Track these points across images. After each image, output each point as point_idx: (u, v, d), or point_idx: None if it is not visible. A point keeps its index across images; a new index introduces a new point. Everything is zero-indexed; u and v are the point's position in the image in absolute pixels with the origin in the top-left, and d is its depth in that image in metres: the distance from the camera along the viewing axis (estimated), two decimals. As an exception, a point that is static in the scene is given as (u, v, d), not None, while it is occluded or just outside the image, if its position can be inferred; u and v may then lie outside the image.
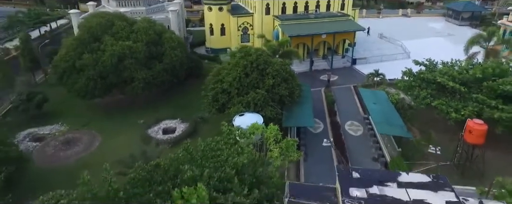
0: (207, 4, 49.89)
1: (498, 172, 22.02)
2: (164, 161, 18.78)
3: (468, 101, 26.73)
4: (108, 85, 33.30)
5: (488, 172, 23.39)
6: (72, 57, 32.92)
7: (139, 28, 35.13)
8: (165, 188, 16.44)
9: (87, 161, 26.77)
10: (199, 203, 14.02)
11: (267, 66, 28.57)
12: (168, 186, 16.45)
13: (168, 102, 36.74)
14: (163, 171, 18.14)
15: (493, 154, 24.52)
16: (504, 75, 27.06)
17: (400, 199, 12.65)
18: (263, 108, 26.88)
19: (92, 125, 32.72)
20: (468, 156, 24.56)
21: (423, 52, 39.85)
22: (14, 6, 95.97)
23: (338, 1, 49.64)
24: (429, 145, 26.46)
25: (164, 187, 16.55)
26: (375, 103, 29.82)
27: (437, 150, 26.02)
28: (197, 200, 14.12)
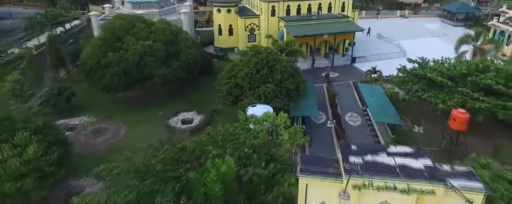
0: (216, 6, 53.38)
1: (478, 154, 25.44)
2: (189, 144, 22.29)
3: (454, 94, 30.17)
4: (130, 81, 36.72)
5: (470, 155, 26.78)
6: (97, 55, 36.35)
7: (157, 29, 38.58)
8: (192, 165, 19.87)
9: (115, 147, 30.21)
10: (228, 171, 17.41)
11: (275, 63, 32.04)
12: (194, 164, 19.87)
13: (183, 96, 40.16)
14: (189, 152, 21.54)
15: (474, 140, 27.94)
16: (486, 71, 30.51)
17: (388, 164, 16.09)
18: (272, 100, 30.33)
19: (116, 117, 36.17)
20: (453, 141, 28.03)
21: (419, 51, 42.82)
22: (25, 7, 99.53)
23: (338, 3, 53.13)
24: (414, 125, 29.88)
25: (191, 164, 19.99)
26: (372, 96, 33.33)
27: (420, 130, 29.43)
28: (226, 169, 17.48)
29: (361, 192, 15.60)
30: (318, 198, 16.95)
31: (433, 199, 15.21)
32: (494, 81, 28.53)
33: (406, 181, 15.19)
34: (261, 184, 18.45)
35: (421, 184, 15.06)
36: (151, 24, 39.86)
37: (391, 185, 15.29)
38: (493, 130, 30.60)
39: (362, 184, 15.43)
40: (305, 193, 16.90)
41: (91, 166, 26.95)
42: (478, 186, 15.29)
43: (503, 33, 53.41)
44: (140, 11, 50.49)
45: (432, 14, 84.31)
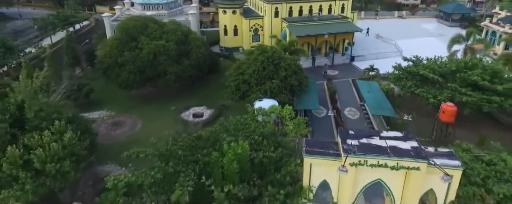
0: (222, 7, 56.11)
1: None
2: (204, 133, 25.05)
3: (444, 89, 32.90)
4: (145, 78, 39.46)
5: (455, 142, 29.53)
6: (114, 54, 39.12)
7: (169, 30, 41.32)
8: (208, 151, 22.57)
9: (134, 138, 32.96)
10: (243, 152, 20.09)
11: (280, 61, 34.79)
12: (210, 150, 22.54)
13: (193, 92, 42.88)
14: (204, 140, 24.32)
15: (462, 131, 30.63)
16: (474, 68, 33.21)
17: (380, 145, 18.89)
18: (277, 94, 33.05)
19: (132, 111, 38.93)
20: (442, 133, 30.77)
21: (415, 51, 44.50)
22: (34, 8, 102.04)
23: (338, 5, 55.86)
24: (404, 115, 32.64)
25: (208, 150, 22.70)
26: (369, 92, 36.11)
27: (409, 118, 32.18)
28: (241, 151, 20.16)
29: (357, 168, 18.45)
30: (320, 176, 19.85)
31: (418, 175, 18.04)
32: (480, 78, 31.28)
33: (395, 159, 18.01)
34: (271, 165, 21.19)
35: (408, 162, 17.91)
36: (163, 25, 42.56)
37: (383, 163, 18.08)
38: (479, 122, 33.34)
39: (358, 162, 18.27)
40: (310, 171, 19.80)
41: (113, 154, 29.90)
42: (456, 164, 18.16)
43: (495, 33, 56.14)
44: (150, 12, 53.19)
45: (429, 15, 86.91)
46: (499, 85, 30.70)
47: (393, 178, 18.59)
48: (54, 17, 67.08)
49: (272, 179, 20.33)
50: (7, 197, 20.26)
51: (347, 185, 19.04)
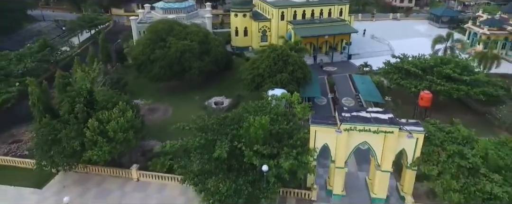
0: (234, 11, 63.17)
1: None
2: (230, 114, 32.04)
3: (423, 81, 39.93)
4: (173, 72, 46.32)
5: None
6: (147, 52, 46.13)
7: (192, 31, 48.32)
8: (234, 127, 29.47)
9: (169, 121, 39.79)
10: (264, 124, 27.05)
11: (288, 57, 41.82)
12: (236, 127, 29.42)
13: (212, 85, 49.77)
14: (230, 119, 31.23)
15: (437, 115, 37.55)
16: (448, 63, 40.32)
17: (366, 116, 25.97)
18: (286, 85, 40.03)
19: (162, 100, 45.92)
20: (421, 115, 37.81)
21: (406, 50, 49.56)
22: (53, 10, 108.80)
23: (337, 9, 62.93)
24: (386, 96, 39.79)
25: (234, 126, 29.60)
26: (363, 84, 43.23)
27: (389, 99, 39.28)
28: (264, 123, 27.12)
29: (349, 133, 25.54)
30: (322, 140, 26.94)
31: (393, 137, 25.16)
32: (452, 71, 38.40)
33: (376, 125, 25.10)
34: (285, 135, 28.16)
35: (385, 127, 24.99)
36: (186, 27, 49.61)
37: (367, 128, 25.17)
38: (453, 108, 40.38)
39: (349, 128, 25.33)
40: (314, 137, 26.87)
41: (153, 133, 36.98)
42: (420, 129, 25.30)
43: (476, 34, 63.22)
44: (171, 15, 60.22)
45: (421, 17, 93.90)
46: (467, 77, 37.81)
47: (375, 140, 25.67)
48: (80, 19, 74.05)
49: (286, 143, 27.27)
50: (91, 155, 27.34)
51: (342, 146, 26.12)
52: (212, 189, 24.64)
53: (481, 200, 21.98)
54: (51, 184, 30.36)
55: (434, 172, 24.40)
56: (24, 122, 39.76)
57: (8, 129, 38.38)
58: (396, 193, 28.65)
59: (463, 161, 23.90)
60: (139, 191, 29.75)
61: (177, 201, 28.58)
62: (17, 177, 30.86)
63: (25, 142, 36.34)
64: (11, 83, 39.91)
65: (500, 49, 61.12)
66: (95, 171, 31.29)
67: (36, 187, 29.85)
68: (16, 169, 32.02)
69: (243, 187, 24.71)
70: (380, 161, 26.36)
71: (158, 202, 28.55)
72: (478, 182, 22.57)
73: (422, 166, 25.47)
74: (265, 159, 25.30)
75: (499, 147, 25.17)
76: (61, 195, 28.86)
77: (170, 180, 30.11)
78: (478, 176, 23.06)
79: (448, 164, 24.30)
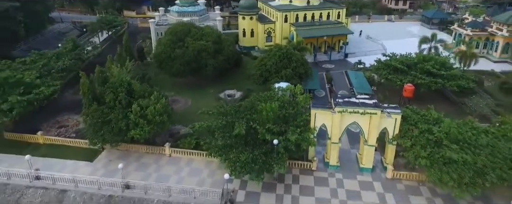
0: (241, 14, 69.83)
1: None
2: (244, 103, 38.67)
3: (408, 75, 46.56)
4: (191, 69, 52.91)
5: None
6: (168, 51, 52.73)
7: (206, 33, 54.94)
8: (247, 112, 36.08)
9: (190, 110, 46.58)
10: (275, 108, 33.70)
11: (291, 56, 48.43)
12: (250, 113, 36.04)
13: (224, 80, 56.28)
14: (244, 107, 37.84)
15: (418, 104, 44.06)
16: (429, 61, 46.97)
17: (356, 101, 32.65)
18: (290, 79, 46.57)
19: (181, 93, 52.53)
20: (405, 104, 44.39)
21: (398, 49, 55.51)
22: (68, 12, 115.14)
23: (335, 12, 69.56)
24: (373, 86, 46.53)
25: (247, 112, 36.21)
26: (356, 78, 49.92)
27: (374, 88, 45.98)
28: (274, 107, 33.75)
29: (342, 114, 32.17)
30: (321, 121, 33.57)
31: (376, 117, 31.80)
32: (431, 67, 45.07)
33: (363, 108, 31.73)
34: (290, 117, 34.79)
35: (370, 109, 31.63)
36: (201, 29, 56.22)
37: (357, 111, 31.78)
38: (434, 99, 46.86)
39: (342, 110, 31.96)
40: (314, 118, 33.46)
41: (178, 119, 43.39)
42: (398, 111, 31.98)
43: (461, 35, 69.84)
44: (185, 18, 66.82)
45: (414, 19, 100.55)
46: (444, 72, 44.50)
47: (362, 120, 32.33)
48: (100, 21, 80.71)
49: (292, 124, 33.92)
50: (135, 134, 34.04)
51: (336, 125, 32.79)
52: (233, 158, 31.26)
53: (442, 163, 28.61)
54: (99, 159, 37.06)
55: (408, 144, 31.09)
56: (66, 111, 46.64)
57: (54, 116, 45.03)
58: (380, 164, 35.34)
59: (431, 136, 30.58)
60: (171, 164, 36.41)
61: (203, 172, 35.21)
62: (71, 153, 37.56)
63: (71, 127, 43.05)
64: (55, 78, 46.52)
65: (482, 48, 67.74)
66: (134, 149, 37.95)
67: (88, 160, 36.56)
68: (69, 147, 38.71)
69: (258, 157, 31.32)
70: (367, 138, 33.03)
71: (188, 173, 35.17)
72: (441, 151, 29.20)
73: (399, 140, 32.16)
74: (275, 135, 31.89)
75: (460, 126, 31.78)
76: (108, 167, 35.66)
77: (196, 155, 36.80)
78: (441, 146, 29.68)
79: (419, 138, 30.98)
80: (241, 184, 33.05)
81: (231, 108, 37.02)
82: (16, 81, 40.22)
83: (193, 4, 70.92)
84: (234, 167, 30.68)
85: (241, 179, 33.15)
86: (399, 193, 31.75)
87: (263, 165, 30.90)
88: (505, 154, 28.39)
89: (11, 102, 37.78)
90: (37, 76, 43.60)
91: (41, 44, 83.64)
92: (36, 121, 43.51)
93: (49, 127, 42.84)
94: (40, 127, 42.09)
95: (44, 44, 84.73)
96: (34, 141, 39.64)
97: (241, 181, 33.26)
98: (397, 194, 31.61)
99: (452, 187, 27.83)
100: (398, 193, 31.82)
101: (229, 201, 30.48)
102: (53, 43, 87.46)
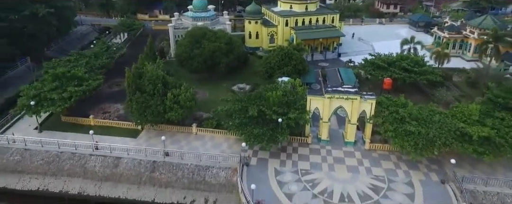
0: (247, 19, 79.81)
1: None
2: (253, 93, 48.66)
3: (388, 71, 56.53)
4: (207, 66, 62.78)
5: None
6: (187, 51, 62.64)
7: (220, 35, 64.85)
8: (257, 100, 46.07)
9: (208, 100, 56.43)
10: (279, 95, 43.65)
11: (292, 55, 58.46)
12: (260, 100, 46.00)
13: (234, 76, 65.97)
14: (254, 96, 47.76)
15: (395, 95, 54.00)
16: (405, 59, 56.98)
17: (341, 90, 42.63)
18: (290, 74, 56.56)
19: (199, 87, 62.32)
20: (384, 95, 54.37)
21: (386, 50, 64.54)
22: (85, 15, 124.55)
23: (330, 17, 79.49)
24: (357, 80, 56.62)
25: (257, 100, 46.19)
26: (346, 74, 59.98)
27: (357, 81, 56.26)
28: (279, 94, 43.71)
29: (330, 100, 42.22)
30: (315, 105, 43.53)
31: (357, 102, 41.89)
32: (406, 64, 55.11)
33: (346, 95, 41.76)
34: (291, 103, 44.67)
35: (352, 96, 41.70)
36: (215, 32, 66.09)
37: (342, 97, 41.78)
38: (410, 91, 56.84)
39: (331, 96, 42.00)
40: (310, 103, 43.42)
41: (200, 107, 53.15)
42: (373, 97, 42.07)
43: (440, 37, 79.82)
44: (199, 23, 76.68)
45: (403, 22, 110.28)
46: (417, 68, 54.54)
47: (346, 104, 42.29)
48: (121, 24, 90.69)
49: (292, 107, 43.82)
50: (170, 116, 43.99)
51: (326, 108, 42.74)
52: (248, 132, 41.17)
53: (404, 135, 38.54)
54: (140, 136, 47.06)
55: (380, 122, 41.11)
56: (107, 100, 56.58)
57: (98, 104, 54.94)
58: (361, 140, 45.27)
59: (397, 115, 40.53)
60: (198, 140, 46.35)
61: (223, 145, 45.14)
62: (117, 132, 47.54)
63: (112, 112, 52.96)
64: (97, 73, 56.45)
65: (458, 49, 77.78)
66: (167, 129, 47.87)
67: (132, 137, 46.56)
68: (115, 128, 48.67)
69: (267, 131, 41.17)
70: (350, 118, 42.98)
71: (211, 145, 45.09)
72: (403, 126, 39.12)
73: (374, 119, 42.17)
74: (279, 115, 41.74)
75: (420, 109, 41.77)
76: (149, 141, 45.67)
77: (217, 133, 46.78)
78: (404, 123, 39.59)
79: (388, 117, 40.94)
80: (253, 153, 42.98)
81: (244, 97, 47.00)
82: (72, 75, 50.16)
83: (206, 10, 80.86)
84: (249, 138, 40.57)
85: (253, 149, 43.08)
86: (373, 159, 41.77)
87: (271, 137, 40.79)
88: (450, 128, 38.34)
89: (70, 92, 47.66)
90: (85, 71, 53.52)
91: (67, 45, 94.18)
92: (84, 108, 53.39)
93: (95, 113, 52.74)
94: (88, 113, 52.02)
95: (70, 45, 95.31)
96: (86, 123, 49.58)
97: (253, 151, 43.17)
98: (371, 160, 41.63)
99: (410, 151, 37.77)
100: (372, 159, 41.84)
101: (245, 164, 40.44)
102: (76, 43, 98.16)
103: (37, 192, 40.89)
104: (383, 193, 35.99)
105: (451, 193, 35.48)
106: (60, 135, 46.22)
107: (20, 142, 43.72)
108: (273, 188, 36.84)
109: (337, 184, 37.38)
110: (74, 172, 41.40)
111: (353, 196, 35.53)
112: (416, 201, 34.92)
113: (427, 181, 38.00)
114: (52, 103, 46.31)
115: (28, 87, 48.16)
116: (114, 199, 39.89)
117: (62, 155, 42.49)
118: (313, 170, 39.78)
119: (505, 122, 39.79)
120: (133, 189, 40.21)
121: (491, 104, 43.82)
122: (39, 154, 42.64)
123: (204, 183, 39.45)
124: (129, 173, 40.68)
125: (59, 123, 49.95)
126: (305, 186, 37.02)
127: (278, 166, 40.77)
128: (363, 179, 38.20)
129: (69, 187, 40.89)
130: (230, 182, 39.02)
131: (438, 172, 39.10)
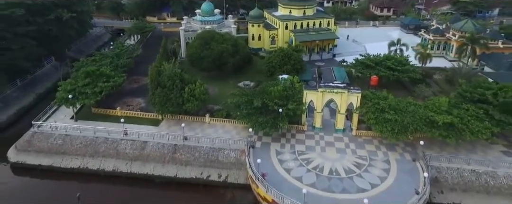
0: (251, 23, 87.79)
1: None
2: (257, 88, 56.76)
3: (375, 70, 64.50)
4: (215, 66, 70.67)
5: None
6: (198, 52, 70.57)
7: (227, 38, 72.81)
8: (261, 94, 54.12)
9: (217, 94, 64.36)
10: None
11: (291, 55, 66.48)
12: (263, 93, 54.04)
13: (239, 74, 73.78)
14: (258, 91, 55.85)
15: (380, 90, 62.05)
16: (391, 59, 64.97)
17: (332, 85, 50.64)
18: (290, 73, 64.49)
19: (208, 84, 70.12)
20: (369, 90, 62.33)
21: (377, 51, 72.19)
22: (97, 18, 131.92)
23: (326, 21, 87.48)
24: (346, 77, 64.70)
25: (261, 94, 54.24)
26: (338, 72, 68.06)
27: (346, 78, 64.31)
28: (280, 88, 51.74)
29: (323, 93, 50.39)
30: (310, 98, 51.69)
31: (345, 95, 50.13)
32: (391, 63, 63.12)
33: (336, 89, 49.94)
34: (290, 96, 52.64)
35: (341, 90, 49.91)
36: (222, 35, 74.05)
37: (333, 91, 49.95)
38: (394, 88, 64.80)
39: (324, 91, 50.18)
40: (305, 96, 51.57)
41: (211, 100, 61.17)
42: (359, 91, 50.31)
43: (426, 39, 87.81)
44: (207, 26, 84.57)
45: (395, 24, 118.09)
46: (399, 67, 62.56)
47: (337, 97, 50.30)
48: (134, 27, 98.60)
49: (291, 99, 51.74)
50: (187, 107, 51.98)
51: (319, 100, 50.75)
52: (254, 120, 49.13)
53: (383, 122, 46.49)
54: (161, 125, 55.09)
55: (363, 111, 49.14)
56: (129, 95, 64.56)
57: (122, 99, 62.92)
58: (349, 127, 53.25)
59: (378, 106, 48.52)
60: (210, 128, 54.34)
61: (232, 132, 53.15)
62: (141, 122, 55.53)
63: (135, 105, 60.93)
64: (120, 71, 64.44)
65: (442, 50, 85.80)
66: (184, 119, 55.85)
67: (154, 125, 54.58)
68: (139, 118, 56.66)
69: (269, 120, 49.14)
70: (340, 108, 50.99)
71: (222, 132, 53.07)
72: (383, 115, 47.09)
73: (359, 109, 50.18)
74: (280, 106, 49.69)
75: (400, 101, 49.80)
76: (170, 128, 53.64)
77: (227, 122, 54.79)
78: (384, 112, 47.55)
79: (371, 108, 48.93)
80: (258, 138, 50.98)
81: (249, 91, 55.02)
82: (100, 73, 58.18)
83: (213, 14, 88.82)
84: (255, 125, 48.57)
85: (258, 135, 51.07)
86: (359, 143, 49.81)
87: (273, 125, 48.76)
88: (421, 116, 46.33)
89: (101, 87, 55.66)
90: (111, 70, 61.52)
91: (84, 46, 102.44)
92: (110, 102, 61.34)
93: (120, 105, 60.70)
94: (114, 106, 59.97)
95: (87, 46, 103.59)
96: (113, 114, 57.56)
97: (257, 136, 51.15)
98: (357, 144, 49.66)
99: (388, 135, 45.76)
100: (358, 143, 49.87)
101: (251, 146, 48.43)
102: (92, 44, 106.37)
103: (78, 169, 48.93)
104: (364, 168, 44.03)
105: (419, 168, 43.53)
106: (93, 123, 54.19)
107: (61, 129, 51.81)
108: (274, 164, 44.86)
109: (327, 162, 45.40)
110: (108, 153, 49.40)
111: (340, 171, 43.55)
112: (391, 174, 42.95)
113: (402, 159, 46.05)
114: (86, 96, 54.35)
115: (65, 83, 56.23)
116: (143, 174, 47.91)
117: (97, 139, 50.55)
118: (308, 151, 47.82)
119: (469, 112, 47.76)
120: (158, 167, 48.20)
121: (461, 97, 51.90)
122: (78, 138, 50.71)
123: (217, 162, 47.47)
124: (154, 154, 48.69)
125: (90, 114, 57.97)
126: (301, 163, 45.04)
127: (279, 148, 48.76)
128: (349, 158, 46.25)
129: (105, 166, 48.90)
130: (239, 161, 47.06)
131: (411, 153, 47.18)
